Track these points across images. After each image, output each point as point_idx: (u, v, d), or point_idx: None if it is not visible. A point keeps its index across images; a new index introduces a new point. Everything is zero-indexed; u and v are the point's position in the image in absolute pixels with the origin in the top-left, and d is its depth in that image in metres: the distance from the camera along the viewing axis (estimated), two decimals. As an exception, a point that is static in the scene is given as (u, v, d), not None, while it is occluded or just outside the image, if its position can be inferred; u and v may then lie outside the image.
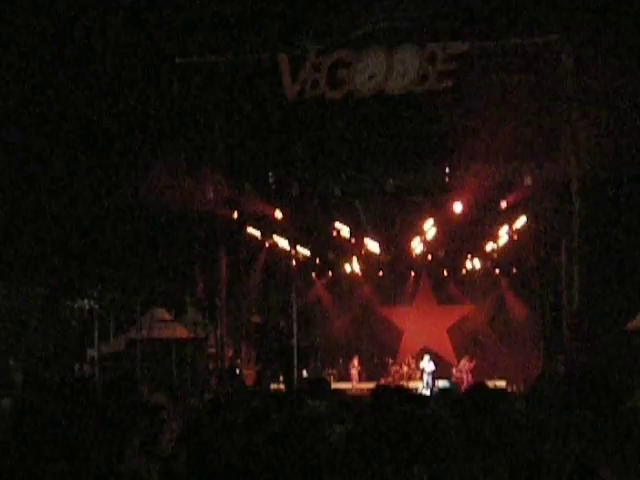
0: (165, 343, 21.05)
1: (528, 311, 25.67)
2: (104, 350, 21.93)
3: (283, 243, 24.67)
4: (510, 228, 23.13)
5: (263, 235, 24.27)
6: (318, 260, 27.04)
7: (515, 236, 23.44)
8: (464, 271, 27.39)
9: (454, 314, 28.16)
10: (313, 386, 6.59)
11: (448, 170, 20.78)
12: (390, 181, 21.24)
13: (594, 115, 17.16)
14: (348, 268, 27.45)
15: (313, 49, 18.39)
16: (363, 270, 27.51)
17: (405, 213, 23.89)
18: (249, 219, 23.22)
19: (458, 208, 21.67)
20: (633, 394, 5.34)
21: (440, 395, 7.98)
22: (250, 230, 23.69)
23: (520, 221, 22.56)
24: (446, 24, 17.91)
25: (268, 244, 24.93)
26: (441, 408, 5.11)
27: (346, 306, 28.47)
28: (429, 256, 26.46)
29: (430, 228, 23.74)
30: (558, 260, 21.16)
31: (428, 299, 28.55)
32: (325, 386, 6.77)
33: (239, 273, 24.21)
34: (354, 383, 25.31)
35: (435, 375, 24.20)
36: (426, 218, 23.48)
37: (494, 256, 25.90)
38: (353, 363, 26.25)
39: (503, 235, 23.80)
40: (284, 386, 21.79)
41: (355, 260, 27.00)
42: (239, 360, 23.55)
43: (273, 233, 24.16)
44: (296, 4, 17.77)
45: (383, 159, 20.16)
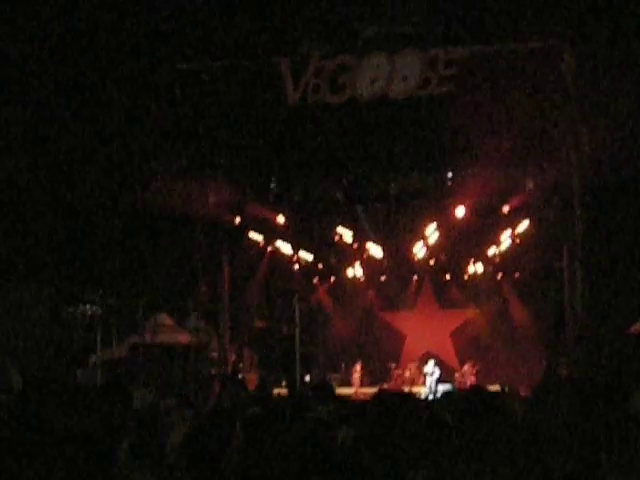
0: (168, 348, 21.02)
1: (531, 315, 25.66)
2: (107, 355, 21.90)
3: (286, 248, 24.68)
4: (513, 232, 23.13)
5: (265, 240, 24.28)
6: (321, 265, 27.02)
7: (518, 240, 23.44)
8: (467, 275, 27.35)
9: (457, 318, 28.13)
10: (317, 391, 6.60)
11: (450, 175, 20.80)
12: (392, 186, 21.26)
13: (596, 120, 17.15)
14: (350, 273, 27.42)
15: (316, 54, 18.40)
16: (366, 275, 27.49)
17: (407, 218, 23.89)
18: (251, 224, 23.25)
19: (460, 212, 21.70)
20: (635, 397, 5.34)
21: (442, 398, 7.97)
22: (252, 235, 23.71)
23: (522, 225, 22.57)
24: (448, 29, 17.92)
25: (270, 249, 24.94)
26: (443, 411, 5.12)
27: (348, 311, 28.44)
28: (432, 260, 26.44)
29: (432, 232, 23.75)
30: (560, 264, 21.17)
31: (430, 303, 28.54)
32: (329, 390, 6.78)
33: (242, 278, 24.22)
34: (356, 388, 25.28)
35: (439, 380, 24.17)
36: (428, 222, 23.49)
37: (497, 260, 25.87)
38: (355, 368, 26.20)
39: (506, 239, 23.80)
40: (287, 391, 21.75)
41: (357, 265, 26.98)
42: (242, 365, 23.54)
43: (276, 238, 24.17)
44: (298, 9, 17.77)
45: (385, 164, 20.14)
